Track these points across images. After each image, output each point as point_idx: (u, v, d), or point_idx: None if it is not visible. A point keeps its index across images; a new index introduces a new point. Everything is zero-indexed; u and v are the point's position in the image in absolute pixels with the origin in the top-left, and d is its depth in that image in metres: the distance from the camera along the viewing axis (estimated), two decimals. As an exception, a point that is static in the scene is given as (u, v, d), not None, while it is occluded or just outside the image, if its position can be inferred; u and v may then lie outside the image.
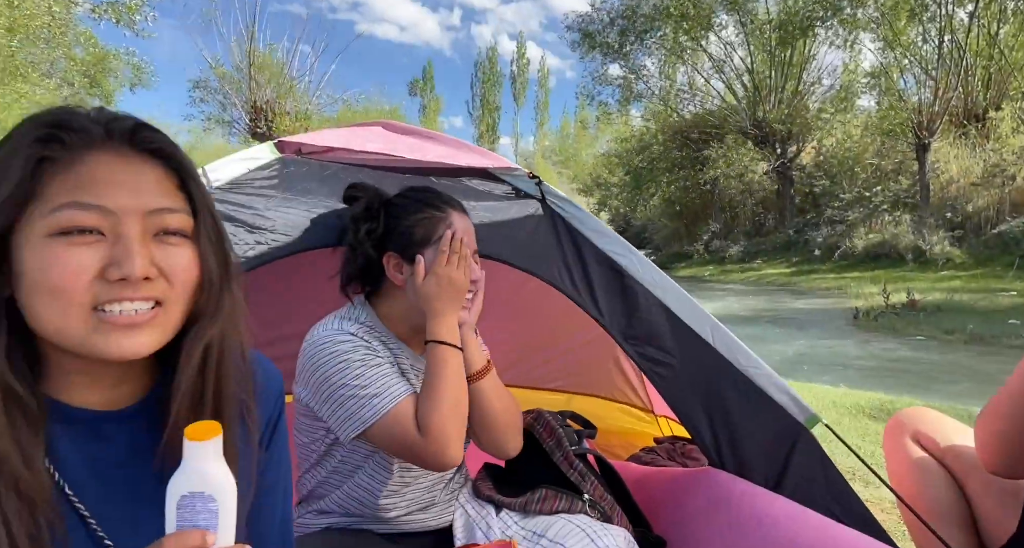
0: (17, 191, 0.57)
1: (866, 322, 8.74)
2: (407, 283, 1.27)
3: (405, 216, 1.29)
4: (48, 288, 0.58)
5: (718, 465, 1.43)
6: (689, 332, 1.46)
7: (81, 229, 0.58)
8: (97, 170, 0.60)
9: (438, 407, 1.16)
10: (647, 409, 2.55)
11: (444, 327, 1.23)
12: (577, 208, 1.59)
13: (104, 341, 0.60)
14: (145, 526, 0.65)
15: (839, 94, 21.06)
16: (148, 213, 0.61)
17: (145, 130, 0.64)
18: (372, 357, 1.21)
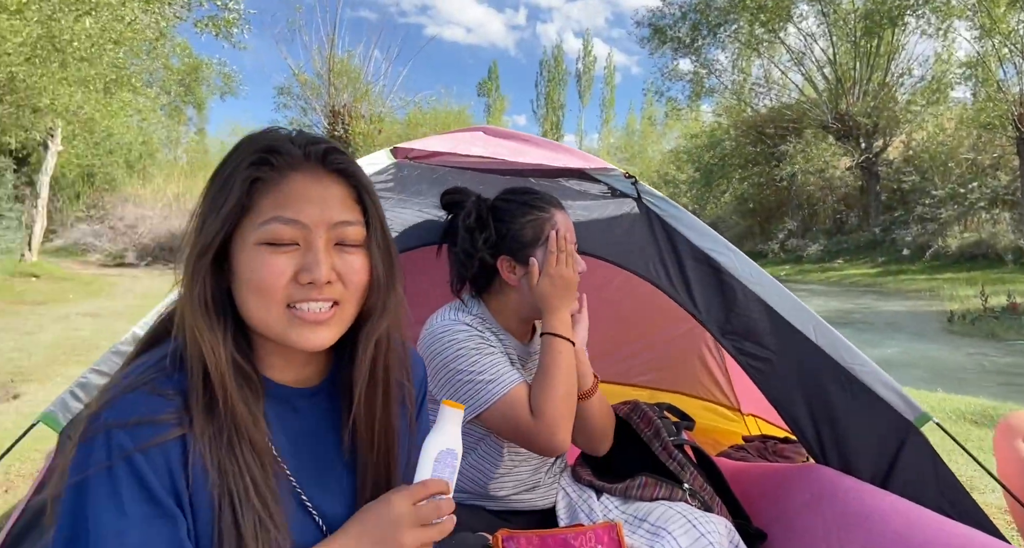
0: (236, 206, 0.69)
1: (962, 326, 8.24)
2: (521, 282, 1.36)
3: (512, 220, 1.37)
4: (255, 287, 0.70)
5: (821, 461, 1.44)
6: (789, 328, 1.48)
7: (282, 241, 0.70)
8: (296, 188, 0.71)
9: (552, 394, 1.24)
10: (734, 407, 2.55)
11: (558, 321, 1.32)
12: (674, 206, 1.63)
13: (296, 334, 0.72)
14: (332, 486, 0.78)
15: (930, 85, 19.84)
16: (332, 226, 0.72)
17: (334, 153, 0.74)
18: (486, 346, 1.30)
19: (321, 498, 0.77)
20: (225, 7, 12.27)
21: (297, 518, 0.74)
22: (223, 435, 0.67)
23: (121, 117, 13.37)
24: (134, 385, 0.67)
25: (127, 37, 11.36)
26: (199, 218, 0.71)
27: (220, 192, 0.70)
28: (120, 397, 0.65)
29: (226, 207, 0.69)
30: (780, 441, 2.24)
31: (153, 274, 14.69)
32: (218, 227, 0.69)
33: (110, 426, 0.63)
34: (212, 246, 0.69)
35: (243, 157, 0.71)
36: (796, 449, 2.17)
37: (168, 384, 0.68)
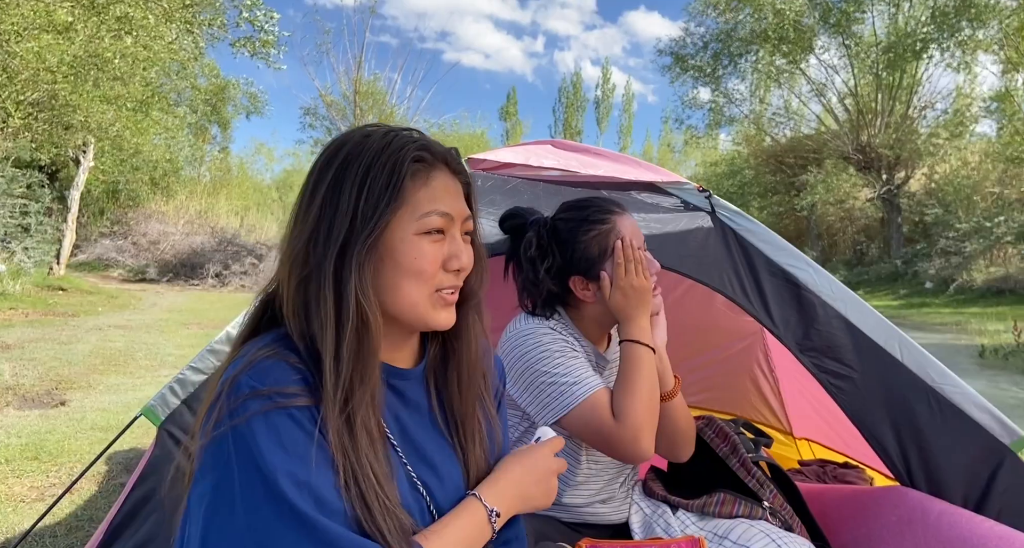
0: (398, 196, 0.74)
1: (993, 360, 8.06)
2: (596, 298, 1.35)
3: (575, 239, 1.35)
4: (415, 273, 0.76)
5: (907, 483, 1.40)
6: (873, 346, 1.45)
7: (437, 230, 0.77)
8: (440, 185, 0.78)
9: (634, 398, 1.22)
10: (787, 431, 2.50)
11: (637, 328, 1.30)
12: (750, 220, 1.62)
13: (437, 315, 0.79)
14: (437, 465, 0.82)
15: (954, 118, 19.80)
16: (464, 219, 0.81)
17: (456, 155, 0.83)
18: (570, 349, 1.30)
19: (426, 472, 0.80)
20: (262, 29, 12.56)
21: (405, 488, 0.77)
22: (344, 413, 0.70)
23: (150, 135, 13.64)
24: (265, 354, 0.71)
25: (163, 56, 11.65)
26: (349, 210, 0.73)
27: (383, 186, 0.74)
28: (258, 361, 0.69)
29: (394, 201, 0.74)
30: (840, 466, 2.19)
31: (175, 289, 14.83)
32: (387, 218, 0.74)
33: (253, 386, 0.67)
34: (377, 235, 0.73)
35: (401, 155, 0.75)
36: (858, 474, 2.11)
37: (289, 353, 0.72)
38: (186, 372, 1.26)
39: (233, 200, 24.00)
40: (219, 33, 13.00)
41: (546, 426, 0.88)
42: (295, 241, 0.75)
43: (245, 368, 0.69)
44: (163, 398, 1.24)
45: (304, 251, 0.74)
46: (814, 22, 20.17)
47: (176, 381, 1.25)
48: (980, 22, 16.43)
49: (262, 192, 27.60)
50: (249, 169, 28.56)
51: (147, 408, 1.24)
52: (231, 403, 0.66)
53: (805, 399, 2.31)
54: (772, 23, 19.75)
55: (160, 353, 6.44)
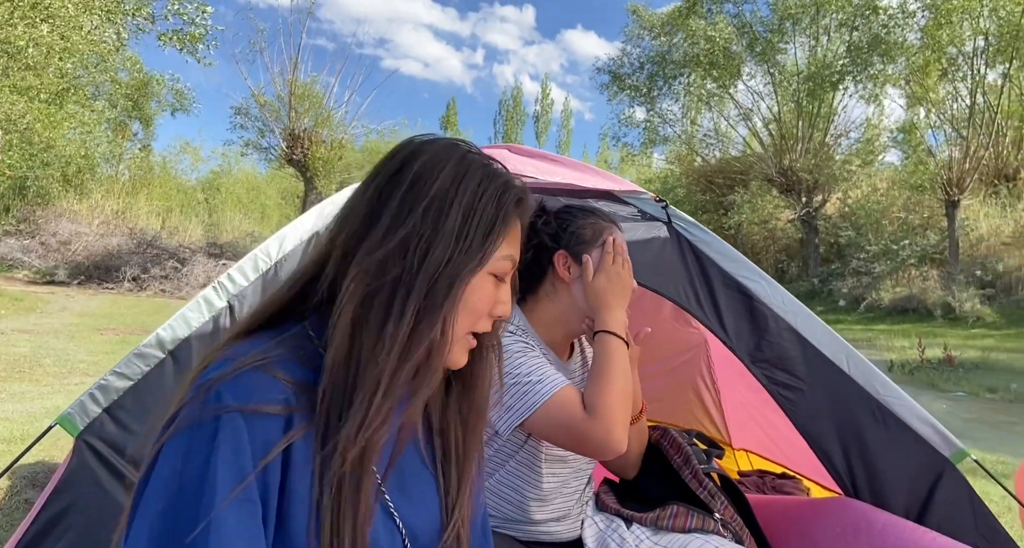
0: (501, 237, 0.71)
1: (901, 375, 8.59)
2: (574, 283, 1.34)
3: (574, 220, 1.38)
4: (473, 311, 0.72)
5: (851, 494, 1.43)
6: (822, 358, 1.48)
7: (506, 274, 0.75)
8: (517, 231, 0.76)
9: (608, 388, 1.19)
10: (726, 442, 2.54)
11: (613, 320, 1.29)
12: (705, 232, 1.63)
13: (459, 355, 0.74)
14: (415, 494, 0.76)
15: (865, 147, 21.16)
16: (514, 266, 0.77)
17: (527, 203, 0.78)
18: (530, 349, 1.26)
19: (405, 506, 0.73)
20: (192, 22, 12.00)
21: (381, 524, 0.70)
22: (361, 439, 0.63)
23: (64, 129, 12.81)
24: (255, 362, 0.63)
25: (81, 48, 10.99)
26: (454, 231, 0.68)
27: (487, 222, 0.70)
28: (244, 372, 0.62)
29: (496, 239, 0.71)
30: (777, 476, 2.23)
31: (87, 293, 13.90)
32: (494, 249, 0.71)
33: (229, 403, 0.59)
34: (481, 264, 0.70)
35: (509, 190, 0.73)
36: (795, 485, 2.16)
37: (280, 367, 0.64)
38: (109, 378, 1.14)
39: (155, 200, 22.80)
40: (144, 24, 12.35)
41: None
42: (373, 245, 0.67)
43: (227, 376, 0.61)
44: (82, 406, 1.11)
45: (386, 260, 0.66)
46: (742, 49, 21.18)
47: (98, 388, 1.13)
48: (890, 58, 17.63)
49: (187, 193, 26.35)
50: (173, 169, 27.23)
51: (63, 417, 1.11)
52: (200, 413, 0.58)
53: (745, 410, 2.35)
54: (704, 49, 20.59)
55: (70, 359, 5.99)
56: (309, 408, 0.63)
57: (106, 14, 10.92)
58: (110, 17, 11.07)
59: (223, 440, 0.58)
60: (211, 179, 28.53)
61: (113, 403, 1.13)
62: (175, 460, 0.58)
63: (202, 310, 1.25)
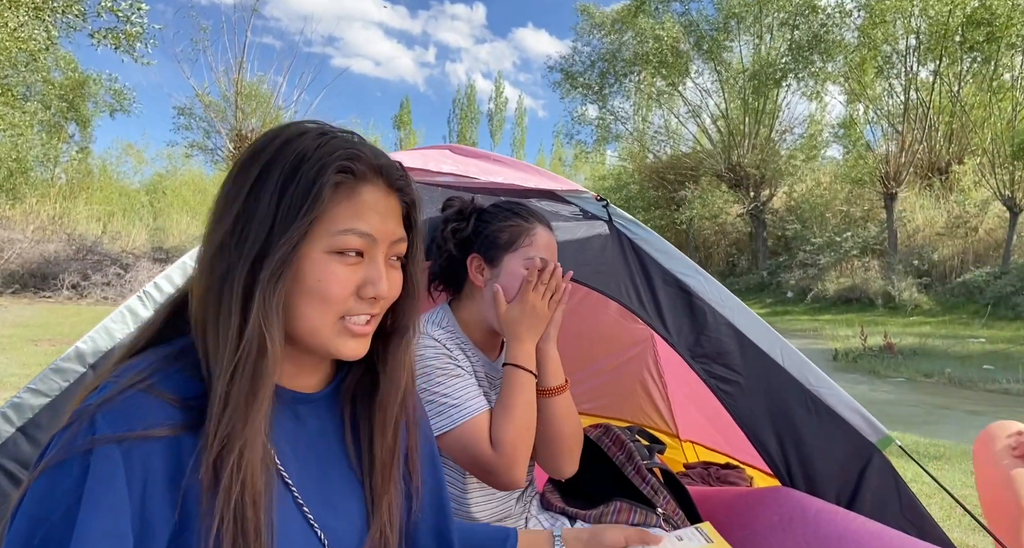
0: (314, 208, 0.65)
1: (845, 363, 8.92)
2: (486, 288, 1.32)
3: (493, 221, 1.35)
4: (320, 296, 0.67)
5: (787, 483, 1.47)
6: (758, 351, 1.51)
7: (355, 251, 0.69)
8: (368, 200, 0.69)
9: (511, 426, 1.19)
10: (673, 434, 2.58)
11: (523, 353, 1.27)
12: (644, 229, 1.65)
13: (343, 344, 0.70)
14: (336, 499, 0.74)
15: (808, 142, 21.86)
16: (393, 242, 0.72)
17: (398, 169, 0.73)
18: (453, 367, 1.25)
19: (325, 513, 0.72)
20: (127, 20, 11.52)
21: (299, 534, 0.68)
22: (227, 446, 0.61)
23: (-8, 130, 12.20)
24: (136, 384, 0.61)
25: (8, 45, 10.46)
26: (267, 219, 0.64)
27: (299, 195, 0.65)
28: (122, 396, 0.59)
29: (311, 212, 0.65)
30: (721, 467, 2.28)
31: (21, 302, 13.27)
32: (302, 232, 0.65)
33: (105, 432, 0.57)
34: (290, 250, 0.64)
35: (325, 161, 0.66)
36: (738, 475, 2.21)
37: (167, 386, 0.62)
38: (23, 395, 1.08)
39: (94, 205, 21.87)
40: (76, 22, 11.81)
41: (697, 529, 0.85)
42: (208, 245, 0.66)
43: (105, 403, 0.58)
44: (-6, 426, 1.05)
45: (214, 258, 0.65)
46: (689, 48, 21.61)
47: (10, 406, 1.07)
48: (829, 56, 18.25)
49: (129, 196, 25.39)
50: (114, 172, 26.19)
51: (-27, 438, 1.05)
52: (69, 448, 0.56)
53: (691, 402, 2.40)
54: (652, 47, 20.93)
55: (0, 373, 5.71)
56: (200, 424, 0.61)
57: (34, 10, 10.43)
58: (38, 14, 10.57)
59: (93, 480, 0.55)
60: (156, 182, 27.58)
61: (28, 422, 1.06)
62: (37, 506, 0.55)
63: (126, 320, 1.20)
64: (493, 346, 1.35)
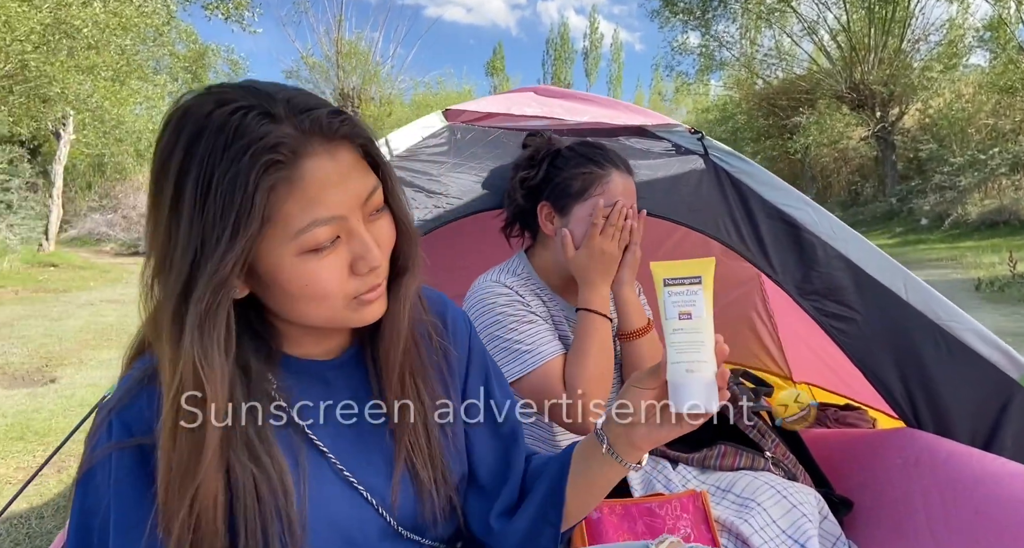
0: (252, 227, 0.57)
1: (990, 293, 8.08)
2: (556, 236, 1.29)
3: (567, 168, 1.30)
4: (315, 297, 0.63)
5: (913, 424, 1.37)
6: (877, 286, 1.40)
7: (327, 243, 0.61)
8: (315, 178, 0.59)
9: (584, 371, 1.18)
10: (786, 376, 2.48)
11: (596, 297, 1.25)
12: (745, 161, 1.54)
13: (360, 316, 0.68)
14: (375, 457, 0.74)
15: (947, 50, 19.41)
16: (363, 203, 0.64)
17: (333, 116, 0.61)
18: (526, 313, 1.25)
19: (365, 471, 0.73)
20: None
21: (343, 496, 0.70)
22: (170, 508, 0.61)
23: (130, 105, 13.29)
24: (142, 378, 0.64)
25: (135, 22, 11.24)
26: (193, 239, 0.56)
27: (224, 215, 0.56)
28: (131, 393, 0.64)
29: (249, 226, 0.56)
30: (841, 408, 2.16)
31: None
32: (241, 249, 0.57)
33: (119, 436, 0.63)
34: (235, 273, 0.58)
35: (241, 165, 0.56)
36: (859, 416, 2.09)
37: None
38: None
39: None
40: (189, -5, 12.48)
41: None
42: (146, 266, 0.60)
43: (119, 403, 0.63)
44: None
45: (152, 281, 0.60)
46: (804, -44, 19.59)
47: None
48: (974, -52, 15.92)
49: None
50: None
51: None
52: (95, 453, 0.63)
53: (804, 343, 2.27)
54: (761, -41, 19.15)
55: (135, 328, 6.40)
56: None
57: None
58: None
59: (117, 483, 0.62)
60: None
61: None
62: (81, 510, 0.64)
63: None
64: (573, 290, 1.33)
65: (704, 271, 0.71)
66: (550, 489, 0.81)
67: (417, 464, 0.75)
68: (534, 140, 1.40)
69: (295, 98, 0.60)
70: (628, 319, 1.32)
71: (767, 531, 1.19)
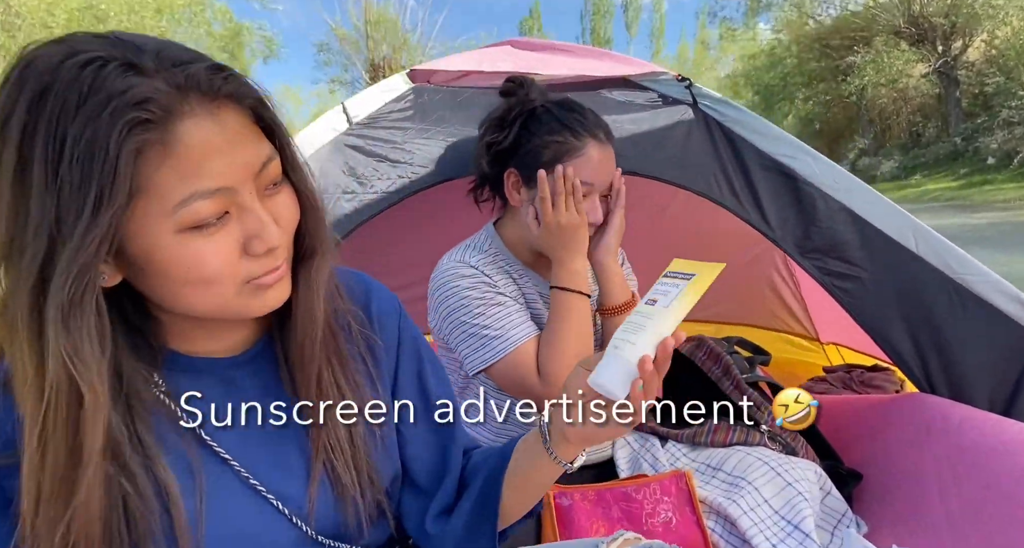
0: (118, 199, 0.48)
1: (1061, 236, 7.57)
2: (523, 207, 1.19)
3: (539, 133, 1.18)
4: (201, 282, 0.55)
5: (926, 389, 1.24)
6: (884, 239, 1.26)
7: (212, 219, 0.53)
8: (196, 140, 0.51)
9: (560, 355, 1.09)
10: (812, 337, 2.34)
11: (566, 273, 1.14)
12: (736, 109, 1.41)
13: (259, 304, 0.60)
14: (291, 461, 0.67)
15: (1016, -28, 17.85)
16: (256, 174, 0.56)
17: (217, 72, 0.53)
18: (494, 295, 1.16)
19: (277, 478, 0.66)
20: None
21: (250, 507, 0.64)
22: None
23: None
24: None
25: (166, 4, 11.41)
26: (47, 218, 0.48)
27: (83, 187, 0.47)
28: None
29: (114, 199, 0.48)
30: (867, 369, 2.03)
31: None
32: (107, 226, 0.48)
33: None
34: (101, 255, 0.50)
35: (100, 124, 0.47)
36: (887, 377, 1.95)
37: None
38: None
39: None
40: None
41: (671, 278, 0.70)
42: None
43: None
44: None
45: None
46: None
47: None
48: None
49: (294, 136, 27.61)
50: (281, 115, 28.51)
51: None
52: None
53: (830, 301, 2.12)
54: None
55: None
56: None
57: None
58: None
59: None
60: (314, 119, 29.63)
61: None
62: None
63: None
64: (548, 264, 1.23)
65: (704, 272, 0.67)
66: (486, 486, 0.75)
67: (338, 467, 0.68)
68: (512, 87, 1.27)
69: (167, 49, 0.52)
70: (609, 292, 1.22)
71: (757, 512, 1.10)
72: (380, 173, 1.36)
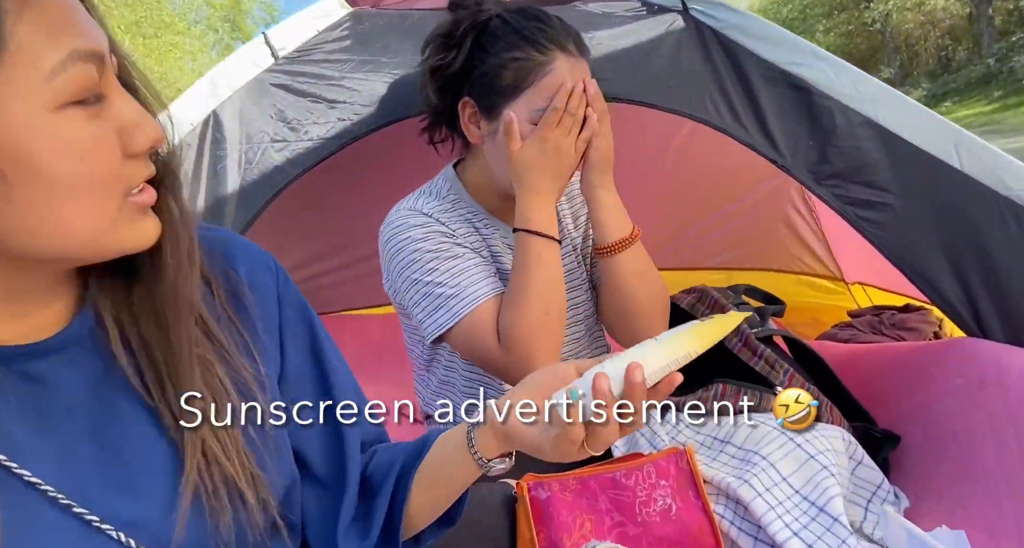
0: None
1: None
2: (486, 143, 1.00)
3: (495, 51, 0.96)
4: (86, 181, 0.42)
5: (976, 333, 1.05)
6: (918, 155, 1.04)
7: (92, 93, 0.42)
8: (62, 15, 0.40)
9: (523, 315, 0.92)
10: (836, 277, 2.13)
11: (537, 210, 0.95)
12: (735, 12, 1.18)
13: (137, 230, 0.46)
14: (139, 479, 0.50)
15: None
16: (109, 54, 0.43)
17: None
18: (450, 246, 0.98)
19: (121, 502, 0.49)
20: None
21: (77, 541, 0.47)
22: None
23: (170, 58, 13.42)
24: None
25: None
26: None
27: None
28: None
29: None
30: (899, 310, 1.82)
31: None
32: None
33: None
34: None
35: None
36: (922, 318, 1.74)
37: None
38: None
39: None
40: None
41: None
42: None
43: None
44: None
45: None
46: None
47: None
48: None
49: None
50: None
51: None
52: None
53: (855, 237, 1.90)
54: None
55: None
56: None
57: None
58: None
59: None
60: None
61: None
62: None
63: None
64: (511, 209, 1.03)
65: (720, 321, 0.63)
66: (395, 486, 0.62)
67: (215, 480, 0.51)
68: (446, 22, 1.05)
69: None
70: (607, 227, 1.01)
71: (775, 493, 0.92)
72: (315, 116, 1.17)
